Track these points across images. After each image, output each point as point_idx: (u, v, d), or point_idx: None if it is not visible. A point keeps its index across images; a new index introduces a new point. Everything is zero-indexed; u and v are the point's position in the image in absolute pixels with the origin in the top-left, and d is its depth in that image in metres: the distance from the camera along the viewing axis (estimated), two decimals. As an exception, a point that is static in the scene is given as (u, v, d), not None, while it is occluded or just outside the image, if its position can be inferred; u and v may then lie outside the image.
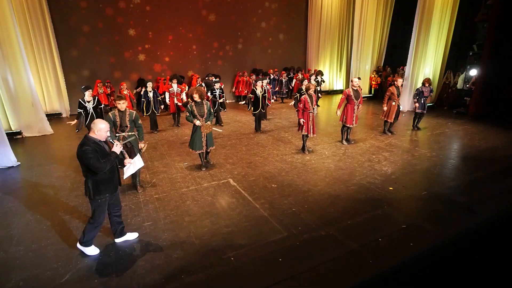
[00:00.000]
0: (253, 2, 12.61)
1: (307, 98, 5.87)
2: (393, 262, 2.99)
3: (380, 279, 2.81)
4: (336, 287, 2.65)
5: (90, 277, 2.81)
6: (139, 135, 4.39)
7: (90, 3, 9.97)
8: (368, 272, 2.84)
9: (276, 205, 4.09)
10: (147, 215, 3.88)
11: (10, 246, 3.29)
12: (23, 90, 7.51)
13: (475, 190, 4.51)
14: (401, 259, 3.04)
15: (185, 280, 2.75)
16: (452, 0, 9.66)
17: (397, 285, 2.88)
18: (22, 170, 5.56)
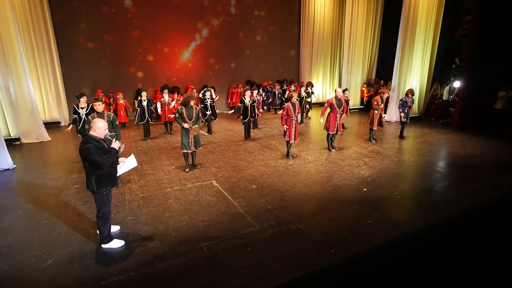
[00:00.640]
0: (248, 17, 13.19)
1: (290, 106, 6.20)
2: (353, 252, 3.20)
3: (340, 267, 3.02)
4: (296, 272, 2.86)
5: (71, 262, 3.04)
6: (117, 136, 4.68)
7: (92, 18, 10.52)
8: (328, 260, 3.05)
9: (253, 203, 4.33)
10: (131, 211, 4.12)
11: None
12: (23, 98, 7.89)
13: (443, 191, 4.75)
14: (362, 250, 3.25)
15: (158, 266, 2.97)
16: (435, 16, 10.18)
17: (356, 272, 3.08)
18: (17, 172, 5.84)
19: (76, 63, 10.62)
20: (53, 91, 10.12)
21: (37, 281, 2.78)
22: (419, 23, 10.00)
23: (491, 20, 8.41)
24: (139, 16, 11.23)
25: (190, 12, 12.04)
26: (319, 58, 14.45)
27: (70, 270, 2.93)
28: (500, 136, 8.07)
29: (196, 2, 12.06)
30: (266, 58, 14.02)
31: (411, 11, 9.90)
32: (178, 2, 11.73)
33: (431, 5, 9.97)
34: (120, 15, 10.96)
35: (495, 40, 8.65)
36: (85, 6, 10.35)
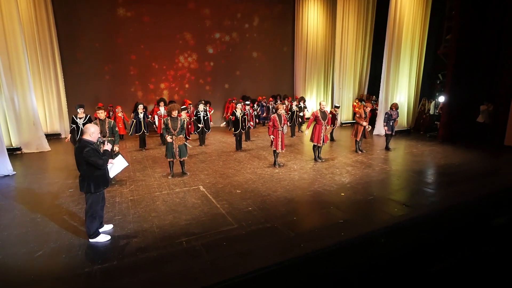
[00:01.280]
0: (244, 35, 13.88)
1: (276, 117, 6.58)
2: (321, 246, 3.46)
3: (306, 259, 3.28)
4: (264, 262, 3.11)
5: (59, 253, 3.31)
6: (115, 140, 5.08)
7: (95, 35, 11.17)
8: (296, 253, 3.31)
9: (235, 206, 4.61)
10: (119, 211, 4.41)
11: (-6, 232, 3.82)
12: (26, 110, 8.33)
13: (416, 196, 5.02)
14: (329, 245, 3.51)
15: (140, 257, 3.24)
16: (419, 35, 10.75)
17: (320, 264, 3.33)
18: (16, 178, 6.16)
19: (78, 78, 11.16)
20: (56, 105, 10.61)
21: (28, 268, 3.04)
22: (404, 42, 10.55)
23: (470, 38, 8.91)
24: (138, 38, 11.88)
25: (189, 33, 12.72)
26: (312, 74, 15.02)
27: (58, 259, 3.20)
28: (481, 148, 8.37)
29: (195, 23, 12.76)
30: (261, 74, 14.60)
31: (395, 30, 10.47)
32: (179, 24, 12.42)
33: (415, 24, 10.55)
34: (123, 33, 11.62)
35: (475, 57, 9.11)
36: (90, 25, 11.01)
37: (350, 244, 3.61)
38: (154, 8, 11.92)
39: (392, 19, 10.44)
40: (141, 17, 11.83)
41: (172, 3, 12.15)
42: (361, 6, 12.84)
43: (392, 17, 10.42)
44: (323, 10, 14.43)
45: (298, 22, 14.73)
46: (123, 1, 11.48)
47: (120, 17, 11.54)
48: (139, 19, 11.81)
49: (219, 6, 13.09)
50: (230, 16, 13.45)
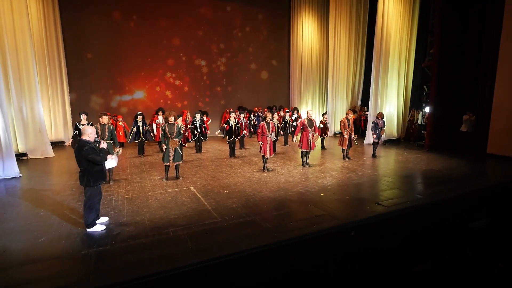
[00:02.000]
0: (242, 50, 14.58)
1: (264, 124, 7.06)
2: (293, 236, 3.85)
3: (279, 246, 3.66)
4: (240, 248, 3.51)
5: (60, 239, 3.73)
6: (114, 142, 5.60)
7: (99, 51, 11.87)
8: (270, 241, 3.70)
9: (221, 203, 5.02)
10: (115, 207, 4.84)
11: (3, 223, 4.25)
12: (33, 118, 8.88)
13: (390, 196, 5.40)
14: (301, 235, 3.90)
15: (130, 243, 3.65)
16: (406, 49, 11.35)
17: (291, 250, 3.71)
18: (22, 180, 6.63)
19: (83, 90, 11.80)
20: (61, 114, 11.20)
21: (31, 251, 3.46)
22: (392, 56, 11.11)
23: (451, 52, 9.45)
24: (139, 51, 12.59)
25: (190, 50, 13.45)
26: (308, 86, 15.62)
27: (59, 244, 3.61)
28: (463, 156, 8.76)
29: (196, 41, 13.49)
30: (258, 86, 15.21)
31: (382, 45, 11.03)
32: (180, 44, 13.15)
33: (401, 39, 11.16)
34: (125, 49, 12.33)
35: (456, 70, 9.63)
36: (95, 41, 11.74)
37: (321, 235, 3.99)
38: (156, 23, 12.67)
39: (379, 35, 11.04)
40: (144, 32, 12.56)
41: (172, 19, 12.92)
42: (352, 21, 13.51)
43: (379, 33, 11.03)
44: (317, 24, 15.18)
45: (293, 36, 15.47)
46: (125, 19, 12.24)
47: (124, 33, 12.26)
48: (142, 35, 12.54)
49: (217, 21, 13.86)
50: (228, 30, 14.19)
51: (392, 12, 10.84)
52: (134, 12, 12.32)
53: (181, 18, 13.14)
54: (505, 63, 8.49)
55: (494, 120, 8.82)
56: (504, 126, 8.59)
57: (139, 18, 12.42)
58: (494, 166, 7.93)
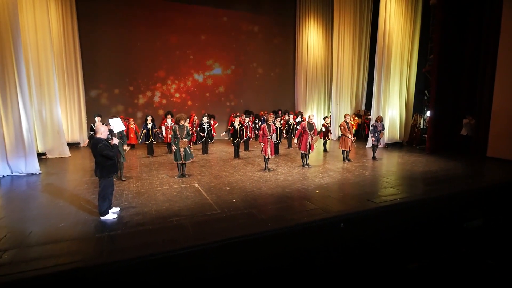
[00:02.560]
0: (247, 53, 15.10)
1: (266, 126, 7.47)
2: (285, 225, 4.22)
3: (270, 234, 4.04)
4: (235, 234, 3.90)
5: (77, 225, 4.21)
6: (124, 141, 6.11)
7: (114, 59, 12.58)
8: (263, 230, 4.08)
9: (222, 198, 5.43)
10: (126, 200, 5.31)
11: (28, 211, 4.77)
12: (52, 121, 9.54)
13: (383, 194, 5.69)
14: (293, 225, 4.26)
15: (138, 228, 4.10)
16: (408, 55, 11.62)
17: (284, 239, 4.08)
18: (42, 176, 7.21)
19: (97, 96, 12.50)
20: (77, 117, 11.90)
21: (52, 233, 3.94)
22: (394, 62, 11.37)
23: (450, 57, 9.69)
24: (151, 57, 13.26)
25: (199, 55, 14.06)
26: (313, 91, 16.01)
27: (76, 228, 4.09)
28: (462, 159, 8.93)
29: (204, 47, 14.10)
30: (264, 90, 15.67)
31: (384, 51, 11.32)
32: (190, 50, 13.79)
33: (403, 45, 11.43)
34: (139, 57, 13.01)
35: (456, 74, 9.85)
36: (109, 50, 12.46)
37: (311, 225, 4.35)
38: (166, 30, 13.33)
39: (381, 41, 11.35)
40: (154, 39, 13.22)
41: (181, 26, 13.57)
42: (356, 28, 13.81)
43: (380, 40, 11.34)
44: (321, 31, 15.61)
45: (298, 42, 15.92)
46: (137, 27, 12.93)
47: (136, 40, 12.95)
48: (153, 41, 13.20)
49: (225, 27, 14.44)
50: (236, 36, 14.74)
51: (393, 19, 11.15)
52: (145, 20, 12.98)
53: (189, 26, 13.75)
54: (503, 67, 8.68)
55: (494, 123, 8.98)
56: (503, 130, 8.75)
57: (150, 26, 13.08)
58: (491, 168, 8.09)
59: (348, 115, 8.85)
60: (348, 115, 8.85)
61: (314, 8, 15.50)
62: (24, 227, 4.16)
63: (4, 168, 6.95)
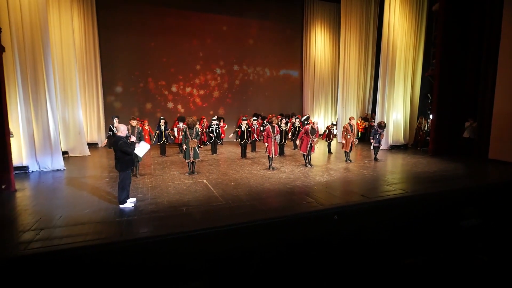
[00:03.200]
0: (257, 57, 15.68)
1: (270, 128, 7.97)
2: (282, 215, 4.69)
3: (268, 221, 4.52)
4: (237, 221, 4.40)
5: (100, 211, 4.81)
6: (140, 139, 6.74)
7: (130, 66, 13.39)
8: (262, 218, 4.56)
9: (227, 192, 5.95)
10: (141, 192, 5.91)
11: (56, 200, 5.42)
12: (74, 122, 10.34)
13: (378, 190, 6.08)
14: (289, 215, 4.73)
15: (152, 215, 4.66)
16: (413, 59, 11.92)
17: (282, 225, 4.55)
18: (66, 171, 7.93)
19: (114, 99, 13.33)
20: (95, 120, 12.72)
21: (79, 217, 4.55)
22: (398, 66, 11.70)
23: (452, 61, 9.94)
24: (165, 64, 14.02)
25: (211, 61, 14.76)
26: (320, 94, 16.43)
27: (99, 214, 4.69)
28: (464, 160, 9.15)
29: (217, 52, 14.77)
30: (272, 94, 16.20)
31: (389, 56, 11.65)
32: (202, 55, 14.50)
33: (407, 50, 11.75)
34: (153, 63, 13.80)
35: (457, 78, 10.09)
36: (126, 57, 13.29)
37: (306, 216, 4.80)
38: (180, 38, 14.07)
39: (385, 46, 11.70)
40: (169, 47, 13.98)
41: (195, 33, 14.29)
42: (362, 33, 14.20)
43: (385, 45, 11.69)
44: (328, 36, 16.10)
45: (306, 47, 16.39)
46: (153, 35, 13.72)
47: (151, 48, 13.75)
48: (167, 49, 13.96)
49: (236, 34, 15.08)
50: (245, 42, 15.36)
51: (398, 25, 11.49)
52: (159, 28, 13.74)
53: (201, 32, 14.45)
54: (504, 71, 8.89)
55: (495, 126, 9.17)
56: (504, 132, 8.93)
57: (164, 34, 13.84)
58: (489, 169, 8.31)
59: (353, 118, 9.24)
60: (353, 118, 9.24)
61: (322, 14, 15.99)
62: (54, 212, 4.79)
63: (33, 164, 7.69)
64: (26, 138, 7.46)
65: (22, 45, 7.11)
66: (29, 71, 7.30)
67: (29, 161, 7.62)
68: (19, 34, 7.01)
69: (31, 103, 7.45)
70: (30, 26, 7.20)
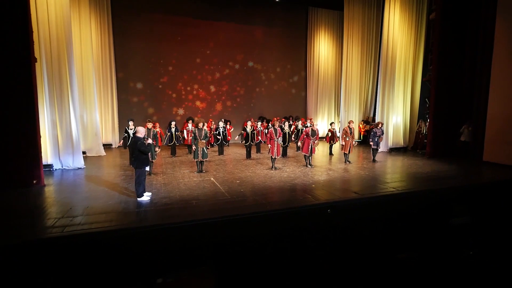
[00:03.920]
0: (264, 65, 16.33)
1: (272, 130, 8.59)
2: (281, 207, 5.28)
3: (268, 214, 5.12)
4: (240, 212, 5.01)
5: (120, 203, 5.49)
6: (156, 143, 7.42)
7: (142, 72, 14.19)
8: (262, 210, 5.17)
9: (233, 188, 6.57)
10: (155, 188, 6.57)
11: (82, 193, 6.13)
12: (91, 124, 11.13)
13: (372, 188, 6.61)
14: (287, 208, 5.32)
15: (166, 207, 5.31)
16: (412, 64, 12.41)
17: (280, 217, 5.14)
18: (86, 169, 8.67)
19: (128, 103, 14.13)
20: (110, 122, 13.53)
21: (104, 208, 5.23)
22: (398, 71, 12.18)
23: (447, 67, 10.41)
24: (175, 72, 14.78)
25: (219, 65, 15.47)
26: (323, 98, 17.00)
27: (120, 206, 5.37)
28: (459, 162, 9.58)
29: (222, 58, 15.49)
30: (278, 97, 16.82)
31: (388, 62, 12.16)
32: (211, 62, 15.22)
33: (407, 55, 12.25)
34: (163, 68, 14.58)
35: (454, 84, 10.55)
36: (139, 64, 14.09)
37: (303, 209, 5.38)
38: (191, 45, 14.82)
39: (384, 52, 12.21)
40: (179, 54, 14.75)
41: (203, 41, 15.03)
42: (364, 38, 14.75)
43: (384, 51, 12.20)
44: (331, 41, 16.69)
45: (310, 52, 16.97)
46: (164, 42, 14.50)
47: (162, 54, 14.53)
48: (177, 56, 14.73)
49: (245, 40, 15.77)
50: (253, 47, 16.02)
51: (397, 32, 11.99)
52: (170, 35, 14.52)
53: (210, 39, 15.17)
54: (497, 77, 9.33)
55: (489, 130, 9.61)
56: (497, 136, 9.36)
57: (174, 41, 14.62)
58: (482, 170, 8.74)
59: (353, 122, 9.78)
60: (353, 122, 9.78)
61: (325, 21, 16.58)
62: (81, 203, 5.48)
63: (56, 162, 8.45)
64: (51, 139, 8.23)
65: (49, 56, 7.90)
66: (55, 79, 8.08)
67: (53, 159, 8.38)
68: (47, 47, 7.80)
69: (56, 108, 8.23)
70: (57, 39, 7.99)
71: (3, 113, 6.22)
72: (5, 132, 6.26)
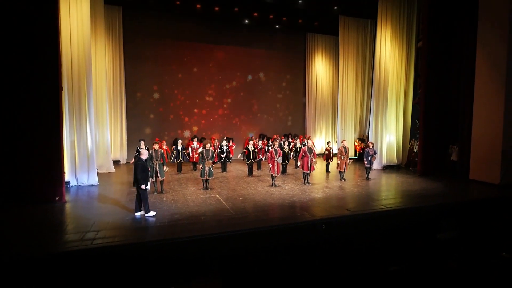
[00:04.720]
0: (264, 86, 17.26)
1: (273, 150, 9.31)
2: (279, 223, 5.93)
3: (270, 229, 5.76)
4: (240, 228, 5.66)
5: (133, 220, 6.14)
6: (163, 162, 8.11)
7: (151, 93, 15.08)
8: (264, 225, 5.82)
9: (236, 205, 7.23)
10: (166, 204, 7.23)
11: (100, 209, 6.79)
12: (102, 142, 11.88)
13: (363, 205, 7.27)
14: (285, 223, 5.97)
15: (177, 222, 5.96)
16: (404, 87, 13.29)
17: (279, 232, 5.78)
18: (99, 186, 9.34)
19: (136, 122, 14.95)
20: (119, 140, 14.26)
21: (122, 224, 5.88)
22: (390, 93, 13.05)
23: (435, 91, 11.26)
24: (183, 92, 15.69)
25: (222, 86, 16.39)
26: (321, 117, 17.83)
27: (132, 221, 6.03)
28: (446, 180, 10.25)
29: (224, 79, 16.43)
30: (277, 116, 17.65)
31: (381, 84, 13.05)
32: (213, 81, 16.17)
33: (398, 79, 13.15)
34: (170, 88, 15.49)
35: (440, 106, 11.38)
36: (147, 85, 15.01)
37: (299, 225, 6.03)
38: (196, 68, 15.78)
39: (377, 77, 13.12)
40: (184, 76, 15.69)
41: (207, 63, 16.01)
42: (358, 61, 15.74)
43: (377, 74, 13.11)
44: (328, 64, 17.71)
45: (308, 74, 17.92)
46: (171, 66, 15.47)
47: (169, 79, 15.46)
48: (181, 77, 15.67)
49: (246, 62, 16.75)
50: (254, 68, 16.99)
51: (389, 57, 12.94)
52: (176, 60, 15.51)
53: (213, 63, 16.15)
54: (479, 100, 10.12)
55: (474, 150, 10.32)
56: (482, 156, 10.06)
57: (181, 65, 15.59)
58: (466, 188, 9.40)
59: (345, 141, 10.53)
60: (345, 141, 10.53)
61: (322, 45, 17.65)
62: (103, 219, 6.13)
63: (72, 179, 9.14)
64: (69, 158, 8.94)
65: (71, 84, 8.75)
66: (75, 104, 8.91)
67: (70, 177, 9.07)
68: (69, 75, 8.66)
69: (75, 130, 9.00)
70: (78, 69, 8.88)
71: (33, 135, 6.97)
72: (33, 152, 7.00)
